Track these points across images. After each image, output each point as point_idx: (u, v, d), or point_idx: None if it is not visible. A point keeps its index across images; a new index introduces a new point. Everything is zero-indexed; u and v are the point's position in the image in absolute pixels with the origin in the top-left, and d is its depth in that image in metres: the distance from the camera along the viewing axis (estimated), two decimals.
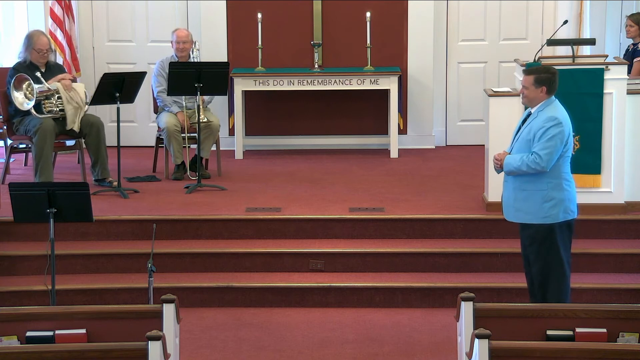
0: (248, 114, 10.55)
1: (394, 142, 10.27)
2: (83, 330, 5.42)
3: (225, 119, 10.39)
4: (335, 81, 10.19)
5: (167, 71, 9.12)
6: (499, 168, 6.72)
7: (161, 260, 7.58)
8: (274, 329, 7.29)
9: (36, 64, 8.92)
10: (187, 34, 9.55)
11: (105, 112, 9.56)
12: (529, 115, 6.67)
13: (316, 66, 10.31)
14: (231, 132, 10.40)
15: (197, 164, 9.18)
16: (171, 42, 9.57)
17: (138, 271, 7.77)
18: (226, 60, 10.15)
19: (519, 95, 8.06)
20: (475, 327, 5.53)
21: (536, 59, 8.00)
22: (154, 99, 9.72)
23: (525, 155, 6.55)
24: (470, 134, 10.65)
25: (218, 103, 10.18)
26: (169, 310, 5.59)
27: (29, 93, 8.71)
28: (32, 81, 8.69)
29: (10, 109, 8.93)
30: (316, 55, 10.32)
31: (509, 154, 6.68)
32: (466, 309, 5.65)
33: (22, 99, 8.72)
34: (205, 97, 9.43)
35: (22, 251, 7.85)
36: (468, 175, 9.38)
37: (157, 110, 9.72)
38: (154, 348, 5.05)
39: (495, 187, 8.00)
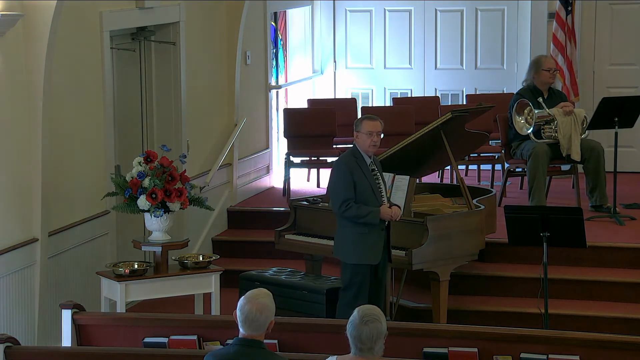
0: None
1: None
2: (576, 357, 5.34)
3: None
4: None
5: None
6: None
7: None
8: None
9: (540, 88, 9.02)
10: None
11: (602, 137, 9.44)
12: None
13: None
14: None
15: None
16: None
17: (634, 301, 7.55)
18: None
19: None
20: None
21: None
22: None
23: None
24: None
25: None
26: None
27: (530, 118, 8.83)
28: (532, 107, 8.80)
29: (509, 133, 9.11)
30: None
31: None
32: None
33: (522, 124, 8.86)
34: None
35: (517, 273, 7.96)
36: None
37: None
38: None
39: None
